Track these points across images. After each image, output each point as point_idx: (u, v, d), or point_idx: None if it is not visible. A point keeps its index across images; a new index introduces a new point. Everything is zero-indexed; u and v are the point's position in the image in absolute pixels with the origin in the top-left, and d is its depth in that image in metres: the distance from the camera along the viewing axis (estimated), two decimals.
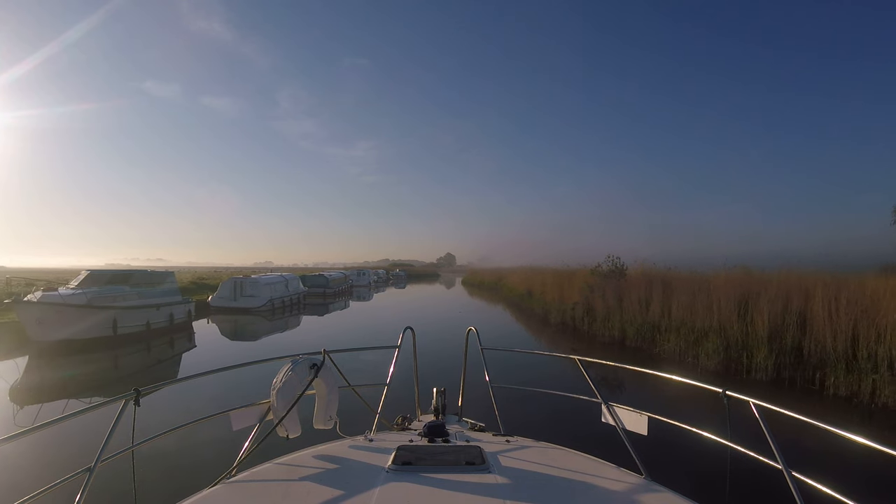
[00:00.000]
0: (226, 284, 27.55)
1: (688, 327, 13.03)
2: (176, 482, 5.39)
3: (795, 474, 1.95)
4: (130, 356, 14.61)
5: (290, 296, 30.57)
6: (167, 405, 7.81)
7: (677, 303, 14.05)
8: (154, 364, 13.93)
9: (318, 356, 2.92)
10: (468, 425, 3.24)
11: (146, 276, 19.52)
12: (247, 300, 26.69)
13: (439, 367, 9.23)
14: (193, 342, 17.39)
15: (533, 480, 2.12)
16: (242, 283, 27.51)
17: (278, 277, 31.01)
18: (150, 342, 16.54)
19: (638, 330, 14.78)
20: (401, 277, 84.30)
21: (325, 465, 2.30)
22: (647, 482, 2.19)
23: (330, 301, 35.75)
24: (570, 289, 21.56)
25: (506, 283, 42.82)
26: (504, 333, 18.88)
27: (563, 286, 22.61)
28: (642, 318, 15.02)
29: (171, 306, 19.37)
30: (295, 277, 33.81)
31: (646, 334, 14.42)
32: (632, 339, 14.94)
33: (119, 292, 17.14)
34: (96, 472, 1.93)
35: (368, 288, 54.14)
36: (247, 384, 8.60)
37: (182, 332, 18.92)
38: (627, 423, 2.64)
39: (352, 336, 18.84)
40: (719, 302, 12.66)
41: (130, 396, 2.17)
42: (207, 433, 6.46)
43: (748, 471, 2.80)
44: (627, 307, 16.10)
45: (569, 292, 21.30)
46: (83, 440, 6.65)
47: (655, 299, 15.06)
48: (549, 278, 26.39)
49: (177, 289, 21.15)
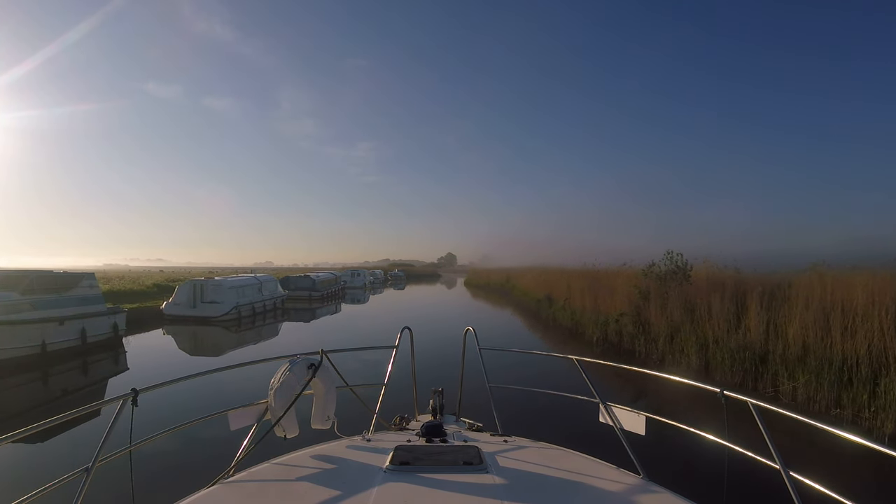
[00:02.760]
0: (183, 288, 23.14)
1: (823, 357, 8.65)
2: (174, 482, 5.38)
3: (793, 474, 1.95)
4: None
5: (264, 301, 26.30)
6: (165, 405, 7.80)
7: (798, 319, 9.54)
8: (28, 409, 9.34)
9: (316, 356, 2.92)
10: (466, 425, 3.24)
11: (48, 280, 14.71)
12: (207, 307, 22.50)
13: (439, 374, 9.22)
14: (122, 364, 13.70)
15: (531, 480, 2.12)
16: (203, 286, 23.15)
17: (250, 279, 26.91)
18: (47, 369, 12.49)
19: (733, 358, 10.25)
20: (399, 278, 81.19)
21: (323, 465, 2.30)
22: (645, 482, 2.20)
23: (317, 306, 32.11)
24: (607, 294, 17.14)
25: (517, 286, 37.77)
26: (526, 361, 12.17)
27: (598, 291, 18.07)
28: (736, 340, 10.52)
29: (86, 319, 14.88)
30: (271, 279, 29.65)
31: (746, 364, 9.98)
32: (723, 369, 10.46)
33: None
34: (94, 472, 1.93)
35: (363, 290, 50.71)
36: (245, 384, 8.60)
37: (103, 353, 14.58)
38: (625, 423, 2.65)
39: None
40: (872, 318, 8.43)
41: (128, 396, 2.17)
42: (205, 433, 6.45)
43: (746, 471, 2.81)
44: (700, 321, 11.96)
45: (606, 299, 16.93)
46: (82, 440, 6.65)
47: (751, 312, 10.70)
48: (576, 280, 21.68)
49: (98, 295, 16.37)
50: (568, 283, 22.17)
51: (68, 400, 10.27)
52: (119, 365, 13.72)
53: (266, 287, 27.48)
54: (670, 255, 14.79)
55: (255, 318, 24.02)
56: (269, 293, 27.61)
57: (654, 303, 13.82)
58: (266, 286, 27.53)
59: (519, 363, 11.53)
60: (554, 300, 22.94)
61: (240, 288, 24.35)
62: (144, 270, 74.28)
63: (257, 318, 24.00)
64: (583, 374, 3.04)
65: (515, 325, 22.78)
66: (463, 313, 29.86)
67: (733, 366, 10.27)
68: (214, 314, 22.16)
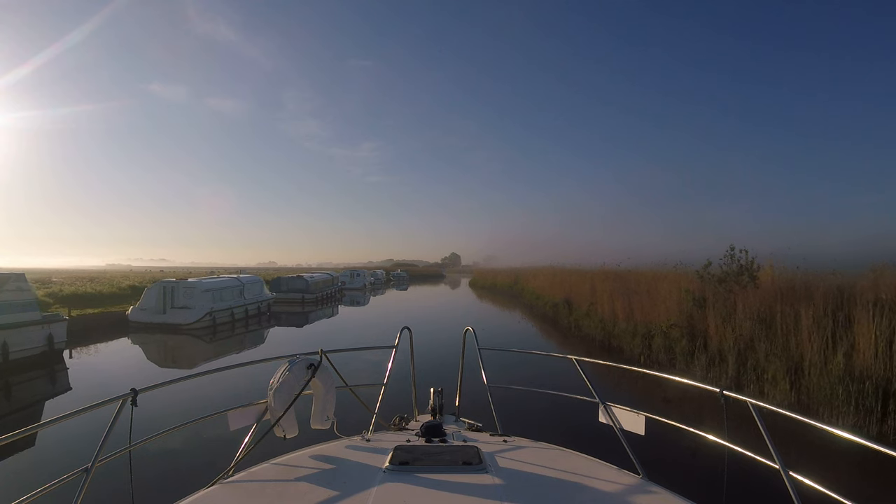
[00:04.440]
0: (151, 291, 20.62)
1: None
2: (173, 482, 5.39)
3: (793, 474, 1.95)
4: None
5: (245, 305, 23.65)
6: (164, 405, 7.80)
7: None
8: None
9: (316, 356, 2.92)
10: (465, 425, 3.24)
11: None
12: (177, 313, 20.06)
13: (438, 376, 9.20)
14: (61, 385, 11.37)
15: (530, 480, 2.12)
16: (174, 288, 20.80)
17: (230, 281, 24.12)
18: None
19: (847, 390, 7.38)
20: (402, 278, 79.09)
21: (323, 465, 2.30)
22: (645, 482, 2.20)
23: (311, 309, 29.42)
24: (645, 300, 14.27)
25: (527, 287, 34.39)
26: (525, 361, 11.68)
27: (632, 295, 15.12)
28: (836, 365, 7.77)
29: (9, 330, 12.34)
30: (256, 280, 26.79)
31: (867, 400, 7.15)
32: (833, 404, 7.52)
33: None
34: (94, 472, 1.93)
35: (363, 291, 48.60)
36: (244, 384, 8.60)
37: (33, 372, 12.06)
38: (625, 423, 2.65)
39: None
40: None
41: (128, 396, 2.17)
42: (205, 433, 6.46)
43: (745, 471, 2.81)
44: (781, 336, 9.14)
45: (645, 306, 14.07)
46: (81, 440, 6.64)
47: (860, 326, 7.92)
48: (600, 282, 18.88)
49: (30, 301, 13.53)
50: (591, 286, 19.58)
51: None
52: (57, 385, 11.41)
53: (250, 289, 25.01)
54: (731, 253, 12.09)
55: (234, 324, 21.67)
56: (253, 296, 25.13)
57: (712, 311, 10.99)
58: (250, 288, 25.08)
59: (518, 363, 11.52)
60: (574, 305, 20.30)
61: (216, 291, 21.86)
62: (146, 270, 73.85)
63: (237, 325, 21.64)
64: (582, 374, 3.03)
65: (529, 333, 19.65)
66: (472, 321, 23.84)
67: (848, 400, 7.35)
68: (185, 321, 19.72)
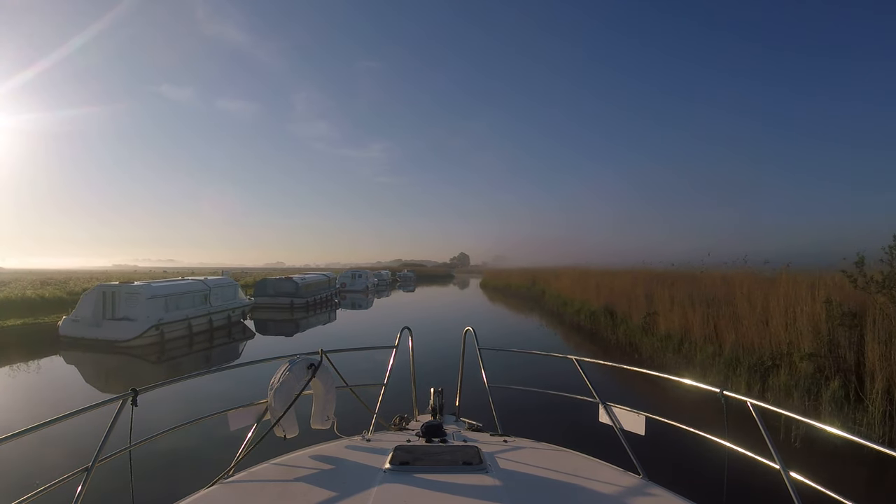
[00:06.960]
0: (88, 297, 16.35)
1: None
2: (173, 482, 5.40)
3: (793, 474, 1.95)
4: None
5: (210, 314, 18.76)
6: (164, 405, 7.81)
7: None
8: None
9: (316, 356, 2.92)
10: (465, 425, 3.24)
11: None
12: (114, 326, 15.67)
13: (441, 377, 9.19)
14: None
15: (530, 481, 2.12)
16: (115, 294, 16.38)
17: (191, 285, 19.00)
18: None
19: None
20: (409, 279, 74.76)
21: (323, 466, 2.30)
22: (645, 482, 2.19)
23: (301, 316, 25.16)
24: (746, 312, 10.16)
25: (549, 290, 29.02)
26: (525, 361, 11.00)
27: (716, 306, 11.23)
28: None
29: None
30: (229, 283, 21.70)
31: None
32: None
33: None
34: (94, 472, 1.94)
35: (365, 294, 44.25)
36: (243, 384, 8.60)
37: None
38: (625, 423, 2.64)
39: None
40: None
41: (128, 396, 2.17)
42: (205, 433, 6.46)
43: (746, 471, 2.80)
44: None
45: (747, 321, 9.97)
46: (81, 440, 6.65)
47: None
48: (655, 286, 14.92)
49: None
50: (645, 290, 15.34)
51: None
52: None
53: (218, 294, 19.93)
54: (892, 248, 7.90)
55: (192, 339, 17.07)
56: (222, 303, 19.99)
57: (872, 335, 7.48)
58: (218, 293, 20.03)
59: (518, 363, 11.49)
60: (619, 315, 16.13)
61: (169, 297, 17.10)
62: (149, 271, 73.56)
63: (197, 340, 17.14)
64: (582, 375, 3.03)
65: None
66: (491, 330, 19.77)
67: None
68: (122, 337, 15.29)
